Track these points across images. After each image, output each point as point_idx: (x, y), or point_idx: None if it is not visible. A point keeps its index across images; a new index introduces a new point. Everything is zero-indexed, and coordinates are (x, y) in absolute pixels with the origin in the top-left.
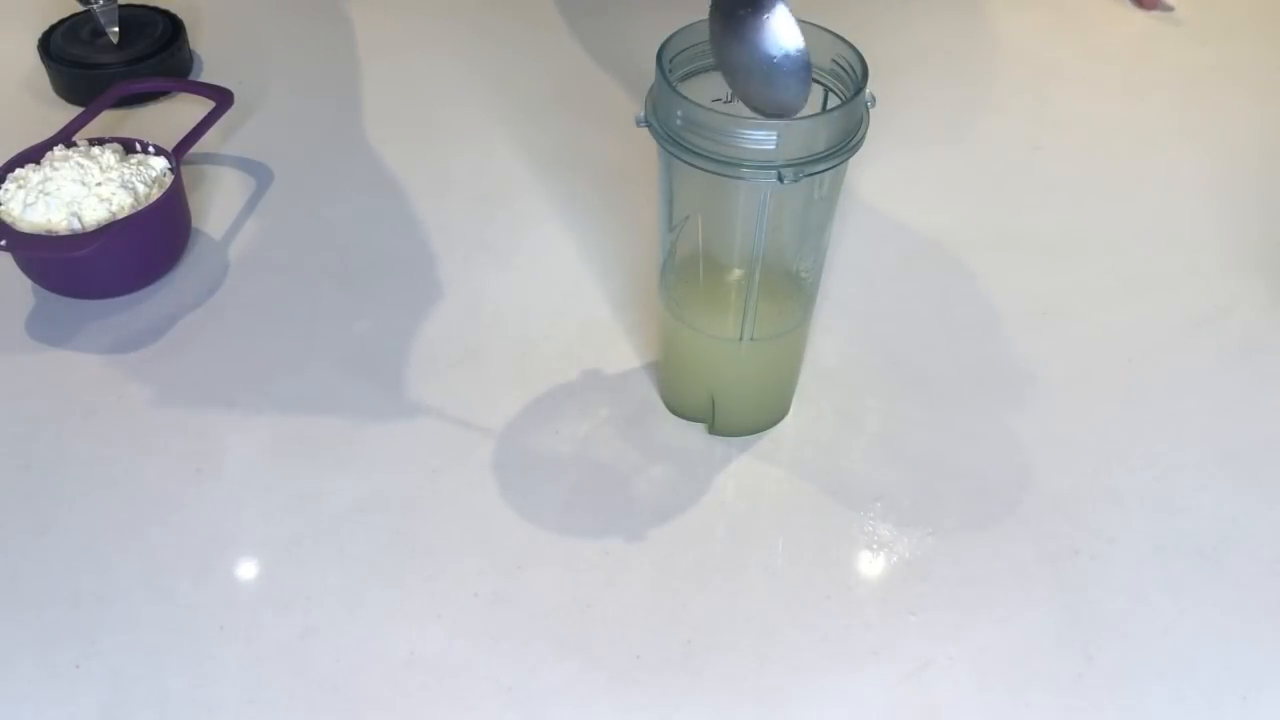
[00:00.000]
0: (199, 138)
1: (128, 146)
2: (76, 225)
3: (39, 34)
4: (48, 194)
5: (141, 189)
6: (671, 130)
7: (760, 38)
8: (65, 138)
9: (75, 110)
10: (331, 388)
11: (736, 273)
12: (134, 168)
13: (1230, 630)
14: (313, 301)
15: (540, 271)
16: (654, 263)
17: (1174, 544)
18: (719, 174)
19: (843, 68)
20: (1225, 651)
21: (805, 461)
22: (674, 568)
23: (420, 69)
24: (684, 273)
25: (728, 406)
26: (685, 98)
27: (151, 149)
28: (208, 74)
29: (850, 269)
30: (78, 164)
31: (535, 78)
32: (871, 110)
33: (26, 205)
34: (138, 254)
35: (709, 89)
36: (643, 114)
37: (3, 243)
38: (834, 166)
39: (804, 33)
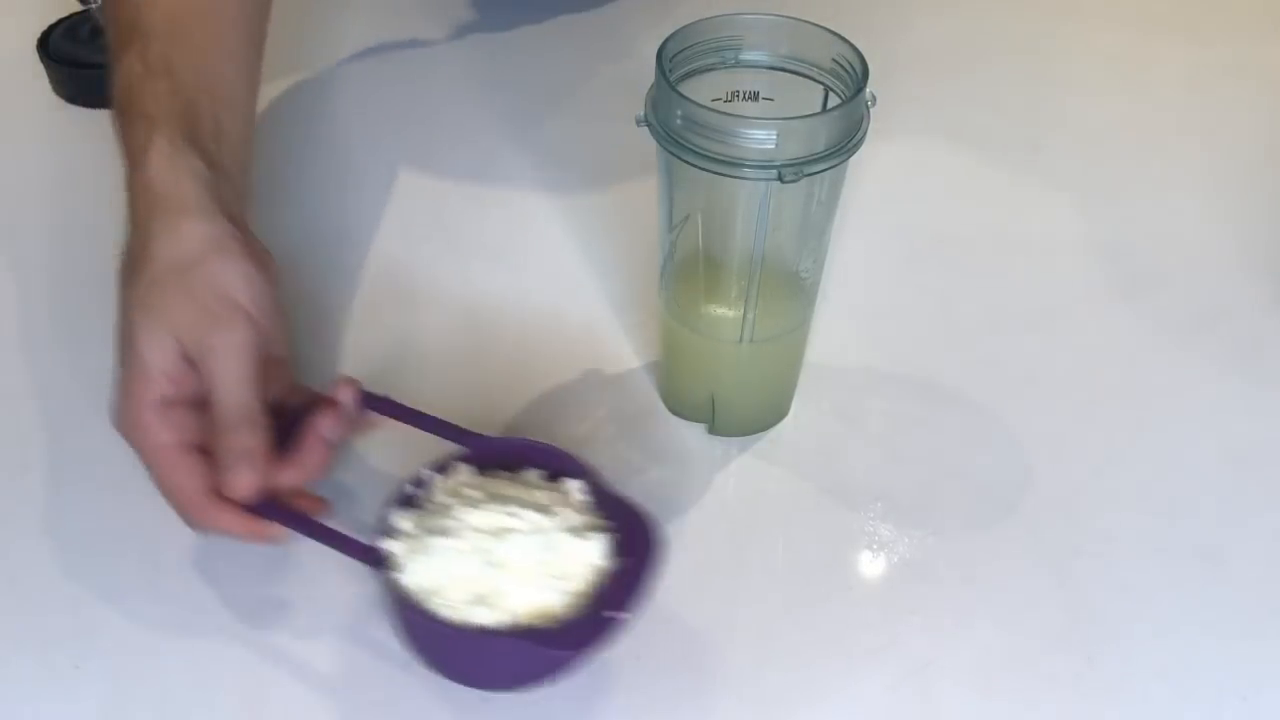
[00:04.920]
0: None
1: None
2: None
3: (38, 34)
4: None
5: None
6: (671, 130)
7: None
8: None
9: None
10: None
11: (736, 273)
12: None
13: (1230, 630)
14: (312, 301)
15: (540, 271)
16: (654, 263)
17: (1174, 544)
18: (719, 174)
19: (843, 67)
20: (1225, 651)
21: (805, 461)
22: (674, 568)
23: (420, 69)
24: (684, 273)
25: (728, 407)
26: (685, 97)
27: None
28: None
29: (850, 269)
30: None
31: (535, 77)
32: (871, 110)
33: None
34: None
35: (709, 89)
36: (643, 114)
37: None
38: (834, 166)
39: (805, 32)
